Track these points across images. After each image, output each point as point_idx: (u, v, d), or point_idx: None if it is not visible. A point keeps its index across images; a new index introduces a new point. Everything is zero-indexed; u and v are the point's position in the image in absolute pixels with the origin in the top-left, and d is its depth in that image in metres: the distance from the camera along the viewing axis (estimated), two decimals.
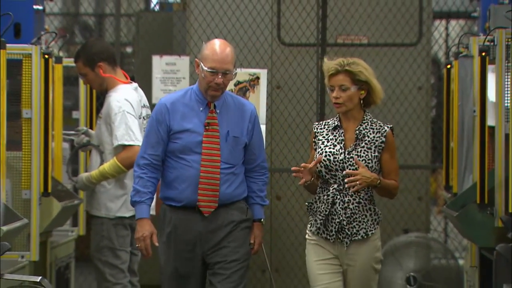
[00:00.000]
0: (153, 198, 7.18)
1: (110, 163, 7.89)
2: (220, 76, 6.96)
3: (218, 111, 7.09)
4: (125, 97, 7.96)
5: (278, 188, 10.55)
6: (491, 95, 7.49)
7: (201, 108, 7.08)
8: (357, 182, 6.60)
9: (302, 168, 6.71)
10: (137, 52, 12.23)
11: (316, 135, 6.98)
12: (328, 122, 6.99)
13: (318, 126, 7.03)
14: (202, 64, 6.99)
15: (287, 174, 10.47)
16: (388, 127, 6.81)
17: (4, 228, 7.61)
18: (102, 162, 8.04)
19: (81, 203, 8.88)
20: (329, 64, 6.87)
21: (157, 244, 7.13)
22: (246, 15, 10.57)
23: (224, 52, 7.01)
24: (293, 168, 6.79)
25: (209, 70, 6.95)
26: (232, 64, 7.02)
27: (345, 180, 6.66)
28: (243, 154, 7.18)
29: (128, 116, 7.90)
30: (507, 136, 6.91)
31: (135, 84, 8.36)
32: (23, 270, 7.46)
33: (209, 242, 7.09)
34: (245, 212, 7.21)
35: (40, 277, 6.39)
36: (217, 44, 7.07)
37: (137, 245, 7.18)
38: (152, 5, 16.74)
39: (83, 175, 8.21)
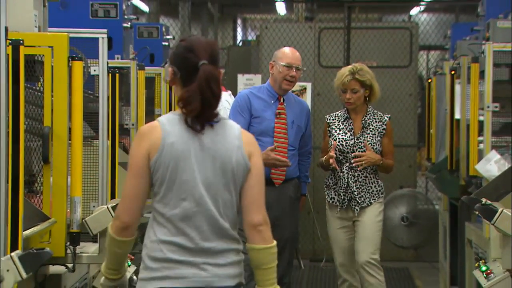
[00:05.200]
0: None
1: None
2: (294, 70, 6.21)
3: (285, 104, 6.30)
4: (225, 99, 7.98)
5: (318, 158, 10.53)
6: (457, 99, 7.42)
7: (272, 101, 6.26)
8: (363, 162, 6.06)
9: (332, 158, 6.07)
10: (228, 72, 12.25)
11: (329, 125, 6.27)
12: (338, 114, 6.31)
13: (330, 118, 6.32)
14: (279, 62, 6.23)
15: None
16: (387, 117, 6.30)
17: None
18: None
19: None
20: (343, 71, 6.25)
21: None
22: (298, 47, 10.55)
23: (295, 53, 6.32)
24: (330, 161, 6.07)
25: (286, 65, 6.20)
26: (301, 63, 6.31)
27: (352, 160, 6.10)
28: (300, 141, 6.39)
29: (227, 111, 7.94)
30: (468, 126, 6.84)
31: (229, 92, 8.53)
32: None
33: (273, 211, 6.06)
34: (298, 189, 6.40)
35: None
36: (289, 48, 6.42)
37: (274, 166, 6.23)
38: (237, 42, 16.83)
39: None
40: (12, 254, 3.39)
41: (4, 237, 3.44)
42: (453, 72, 7.43)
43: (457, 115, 7.40)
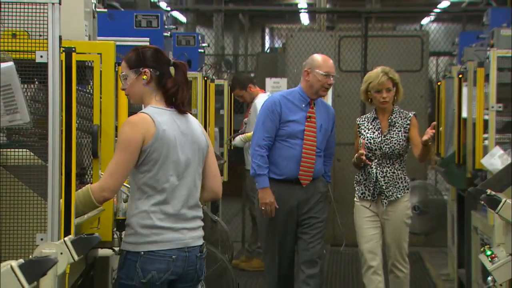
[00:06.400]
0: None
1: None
2: (331, 79, 5.93)
3: (315, 108, 6.00)
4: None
5: (339, 154, 10.49)
6: (464, 100, 7.36)
7: (303, 105, 5.94)
8: (430, 137, 5.72)
9: (362, 155, 5.90)
10: (257, 76, 12.24)
11: (359, 126, 6.10)
12: (367, 116, 6.16)
13: (360, 120, 6.16)
14: (317, 71, 5.89)
15: (343, 146, 10.43)
16: (412, 113, 6.13)
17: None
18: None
19: (224, 162, 8.85)
20: (376, 73, 6.06)
21: (277, 207, 5.91)
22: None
23: (330, 61, 6.01)
24: (362, 157, 5.92)
25: (325, 74, 5.88)
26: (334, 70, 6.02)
27: (424, 138, 5.73)
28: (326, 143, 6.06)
29: None
30: (474, 124, 6.79)
31: (268, 93, 8.64)
32: None
33: (304, 207, 6.00)
34: (325, 185, 6.14)
35: (202, 205, 6.37)
36: (323, 56, 6.09)
37: (262, 208, 5.95)
38: (266, 49, 16.82)
39: (239, 136, 8.34)
40: (65, 238, 3.40)
41: (58, 224, 3.46)
42: (460, 76, 7.38)
43: (464, 115, 7.35)
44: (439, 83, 9.01)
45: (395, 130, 6.06)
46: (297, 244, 6.13)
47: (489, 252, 4.62)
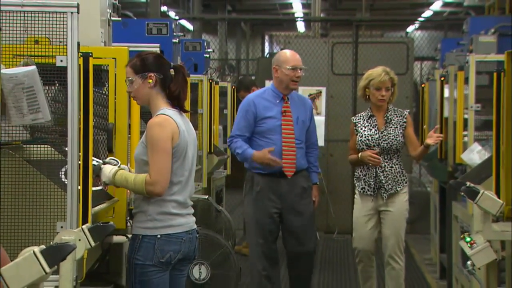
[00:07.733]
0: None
1: None
2: (299, 71, 5.64)
3: (289, 102, 5.72)
4: None
5: (332, 149, 10.46)
6: (446, 100, 7.35)
7: (277, 101, 5.68)
8: (435, 142, 5.63)
9: (373, 155, 5.69)
10: (257, 79, 12.24)
11: (355, 124, 5.83)
12: (362, 114, 5.88)
13: (355, 118, 5.90)
14: (284, 66, 5.63)
15: (336, 142, 10.41)
16: (407, 111, 5.93)
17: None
18: None
19: (228, 157, 8.85)
20: (377, 72, 5.82)
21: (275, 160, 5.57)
22: (314, 59, 10.54)
23: (296, 55, 5.72)
24: (376, 157, 5.69)
25: (291, 68, 5.62)
26: (302, 63, 5.72)
27: (436, 138, 5.59)
28: (305, 134, 5.76)
29: None
30: (454, 123, 6.79)
31: None
32: (198, 192, 7.45)
33: (287, 200, 5.68)
34: (308, 180, 5.78)
35: (208, 196, 6.38)
36: (289, 51, 5.81)
37: (268, 165, 5.59)
38: (265, 54, 16.80)
39: None
40: (83, 226, 3.40)
41: (76, 213, 3.47)
42: (442, 79, 7.37)
43: (445, 114, 7.34)
44: (423, 85, 9.00)
45: (391, 127, 5.81)
46: (284, 244, 5.83)
47: (468, 239, 4.61)
